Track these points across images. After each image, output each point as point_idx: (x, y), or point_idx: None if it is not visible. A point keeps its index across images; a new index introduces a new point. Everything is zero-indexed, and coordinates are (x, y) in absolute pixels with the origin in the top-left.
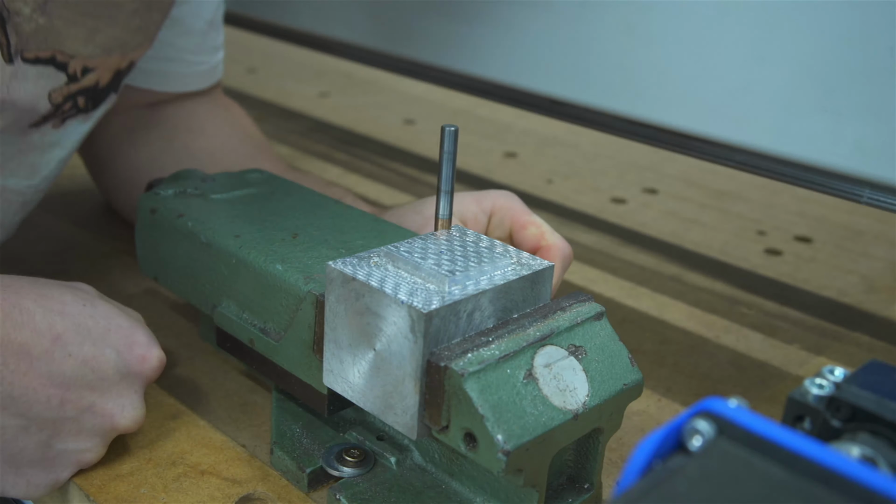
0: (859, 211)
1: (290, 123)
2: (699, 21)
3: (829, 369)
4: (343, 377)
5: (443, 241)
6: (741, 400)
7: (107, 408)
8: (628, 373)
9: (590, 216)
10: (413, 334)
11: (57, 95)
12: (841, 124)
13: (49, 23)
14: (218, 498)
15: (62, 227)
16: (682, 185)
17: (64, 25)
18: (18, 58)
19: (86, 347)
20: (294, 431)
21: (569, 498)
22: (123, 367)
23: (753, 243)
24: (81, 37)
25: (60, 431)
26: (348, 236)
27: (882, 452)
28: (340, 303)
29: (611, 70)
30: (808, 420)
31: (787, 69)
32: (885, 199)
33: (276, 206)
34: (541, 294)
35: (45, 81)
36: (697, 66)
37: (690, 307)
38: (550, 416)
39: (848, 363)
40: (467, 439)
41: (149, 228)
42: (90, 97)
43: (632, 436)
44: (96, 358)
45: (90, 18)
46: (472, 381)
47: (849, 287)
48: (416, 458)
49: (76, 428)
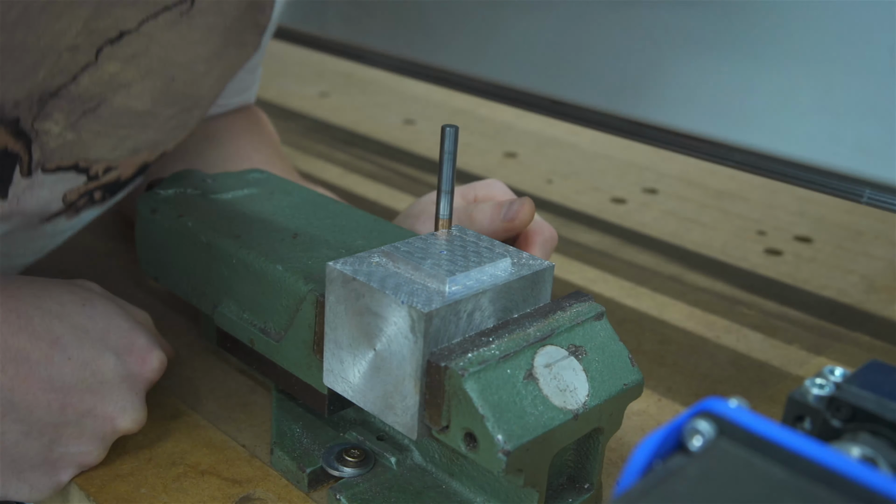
0: (859, 211)
1: (290, 123)
2: (699, 21)
3: (830, 369)
4: (343, 377)
5: (443, 241)
6: (741, 400)
7: (107, 411)
8: (628, 373)
9: (590, 216)
10: (413, 334)
11: (72, 194)
12: (841, 124)
13: (78, 137)
14: (218, 498)
15: None
16: (682, 185)
17: (93, 138)
18: (38, 171)
19: (85, 350)
20: (294, 431)
21: (569, 498)
22: (123, 369)
23: (753, 243)
24: (110, 145)
25: (61, 435)
26: (348, 236)
27: (882, 452)
28: (340, 303)
29: (611, 70)
30: (809, 420)
31: (787, 69)
32: (885, 199)
33: (276, 206)
34: (541, 294)
35: (61, 185)
36: (697, 66)
37: (690, 307)
38: (550, 416)
39: (848, 363)
40: (467, 439)
41: (149, 228)
42: (108, 190)
43: (632, 436)
44: (95, 361)
45: (123, 129)
46: (473, 381)
47: (849, 287)
48: (416, 458)
49: (77, 431)
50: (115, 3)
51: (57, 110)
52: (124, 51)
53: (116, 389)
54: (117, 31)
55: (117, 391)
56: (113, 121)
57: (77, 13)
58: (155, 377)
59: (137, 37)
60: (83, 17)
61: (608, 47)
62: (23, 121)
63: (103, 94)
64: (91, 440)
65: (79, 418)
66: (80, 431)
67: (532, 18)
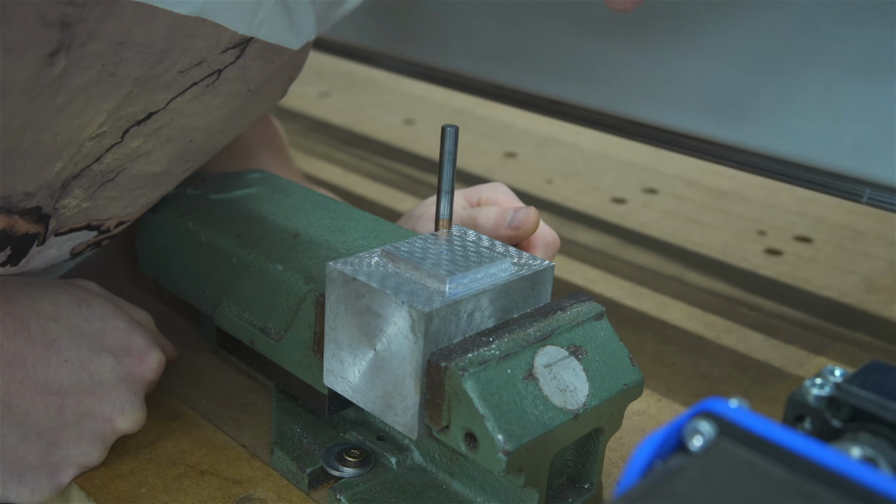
0: (859, 211)
1: (290, 123)
2: (699, 21)
3: (830, 369)
4: (343, 377)
5: (443, 241)
6: (742, 400)
7: (105, 412)
8: (628, 373)
9: (590, 216)
10: (413, 334)
11: (80, 247)
12: (841, 124)
13: (94, 204)
14: (218, 498)
15: None
16: (682, 185)
17: (108, 202)
18: (52, 236)
19: (82, 352)
20: (294, 431)
21: (569, 498)
22: (121, 370)
23: (753, 243)
24: (124, 204)
25: (60, 438)
26: (348, 236)
27: (882, 452)
28: (341, 303)
29: (611, 70)
30: (809, 420)
31: (787, 69)
32: (885, 199)
33: (276, 206)
34: (541, 294)
35: (71, 242)
36: (697, 66)
37: (690, 307)
38: (551, 416)
39: (848, 363)
40: (468, 439)
41: (149, 228)
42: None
43: (632, 436)
44: (93, 362)
45: (138, 190)
46: (473, 381)
47: (849, 287)
48: (417, 459)
49: (76, 433)
50: (145, 89)
51: (78, 187)
52: (149, 127)
53: (115, 390)
54: (146, 114)
55: (115, 392)
56: (130, 185)
57: (101, 107)
58: (154, 377)
59: (164, 113)
60: (108, 110)
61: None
62: (45, 207)
63: (123, 164)
64: (91, 441)
65: (77, 420)
66: (79, 433)
67: (532, 18)
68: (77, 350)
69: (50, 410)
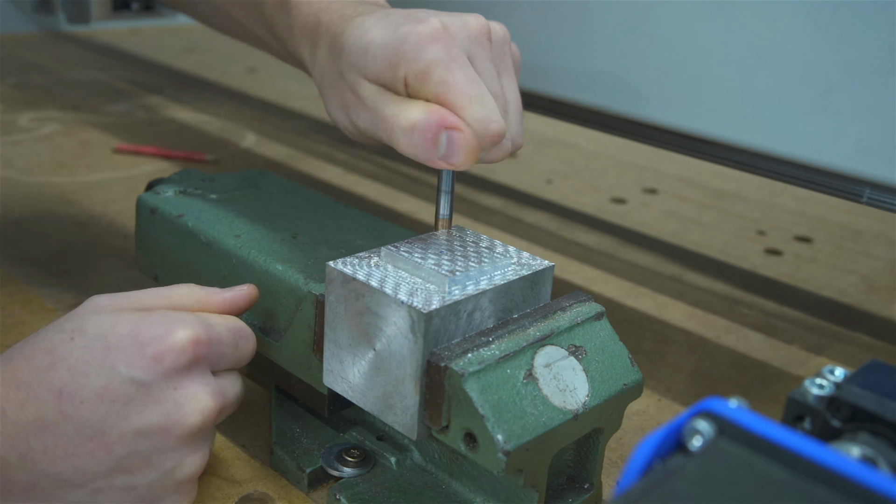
0: (859, 211)
1: (290, 123)
2: (699, 21)
3: (829, 369)
4: (343, 377)
5: (443, 241)
6: (741, 400)
7: (153, 422)
8: (628, 373)
9: (590, 216)
10: (413, 334)
11: None
12: (841, 124)
13: None
14: (218, 498)
15: (62, 227)
16: (682, 185)
17: None
18: None
19: (92, 384)
20: (294, 431)
21: (569, 498)
22: (141, 376)
23: (753, 243)
24: None
25: (131, 470)
26: (348, 236)
27: (882, 452)
28: (340, 303)
29: (611, 70)
30: (809, 420)
31: (787, 69)
32: (885, 199)
33: (276, 206)
34: (541, 294)
35: None
36: (697, 66)
37: (690, 307)
38: (550, 416)
39: (848, 363)
40: (467, 439)
41: (149, 228)
42: None
43: (632, 436)
44: (109, 387)
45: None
46: (472, 381)
47: (849, 287)
48: (416, 459)
49: (139, 460)
50: None
51: None
52: None
53: (149, 397)
54: None
55: (152, 398)
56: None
57: None
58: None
59: None
60: None
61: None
62: None
63: None
64: (162, 455)
65: (132, 447)
66: (141, 458)
67: (532, 18)
68: (86, 386)
69: (98, 456)
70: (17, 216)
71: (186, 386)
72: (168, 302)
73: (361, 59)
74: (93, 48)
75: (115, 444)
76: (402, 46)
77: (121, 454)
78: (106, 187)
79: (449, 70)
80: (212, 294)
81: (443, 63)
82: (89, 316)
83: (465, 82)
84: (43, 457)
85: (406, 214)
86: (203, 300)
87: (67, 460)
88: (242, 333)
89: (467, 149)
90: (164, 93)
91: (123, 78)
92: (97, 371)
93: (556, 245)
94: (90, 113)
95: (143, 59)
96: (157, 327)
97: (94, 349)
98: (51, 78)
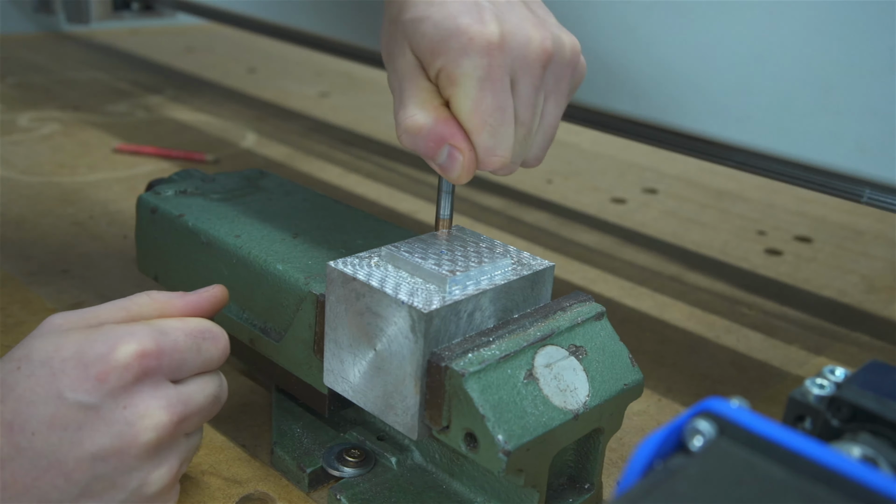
0: (859, 211)
1: (290, 123)
2: (699, 21)
3: (830, 369)
4: (343, 377)
5: (443, 241)
6: (742, 400)
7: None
8: (628, 373)
9: (590, 216)
10: (413, 334)
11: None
12: (841, 124)
13: None
14: (218, 498)
15: (62, 227)
16: (682, 185)
17: None
18: None
19: (40, 413)
20: (294, 431)
21: (569, 498)
22: (87, 399)
23: (753, 243)
24: None
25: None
26: (348, 236)
27: (883, 452)
28: (341, 303)
29: (611, 70)
30: (809, 420)
31: (787, 69)
32: (885, 199)
33: (276, 206)
34: (541, 294)
35: None
36: (697, 65)
37: (690, 307)
38: (551, 416)
39: (848, 363)
40: (468, 439)
41: (149, 228)
42: None
43: (632, 436)
44: (58, 414)
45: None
46: (473, 381)
47: (849, 287)
48: (417, 458)
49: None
50: None
51: None
52: None
53: (100, 420)
54: None
55: (102, 421)
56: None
57: None
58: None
59: None
60: None
61: (608, 47)
62: None
63: None
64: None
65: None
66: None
67: None
68: (35, 416)
69: (59, 485)
70: (17, 216)
71: (137, 403)
72: (126, 314)
73: (411, 28)
74: (93, 48)
75: (74, 471)
76: (449, 41)
77: (82, 480)
78: (106, 187)
79: (479, 89)
80: (173, 299)
81: (477, 80)
82: (38, 340)
83: (488, 107)
84: (4, 493)
85: (406, 214)
86: (164, 306)
87: (29, 493)
88: (207, 335)
89: (463, 169)
90: (164, 93)
91: (123, 78)
92: (44, 400)
93: (556, 245)
94: (90, 113)
95: (143, 59)
96: (99, 345)
97: (40, 377)
98: (51, 78)
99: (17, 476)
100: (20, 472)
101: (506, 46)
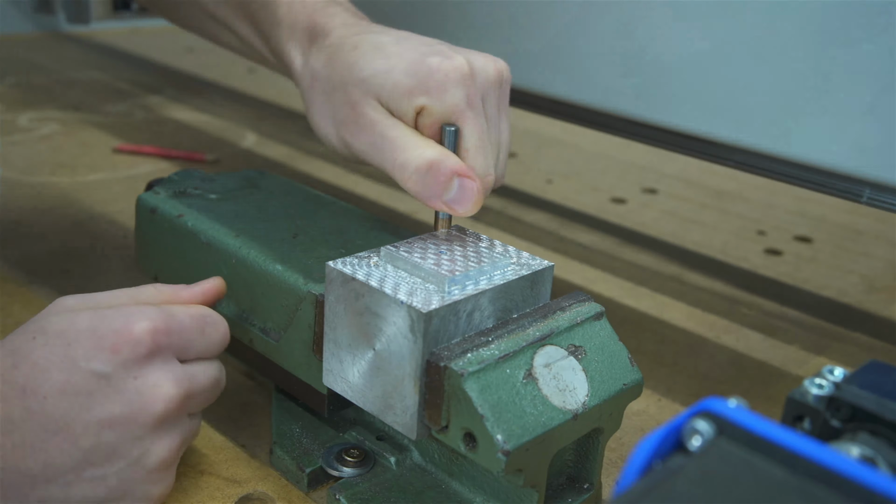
0: (859, 211)
1: (290, 123)
2: (699, 21)
3: (829, 369)
4: (343, 377)
5: (442, 241)
6: (741, 400)
7: (117, 412)
8: (628, 373)
9: (590, 216)
10: (413, 334)
11: None
12: (841, 124)
13: None
14: (218, 498)
15: (62, 227)
16: (682, 185)
17: None
18: None
19: (53, 380)
20: (294, 431)
21: (569, 498)
22: (100, 368)
23: (753, 243)
24: None
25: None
26: (348, 236)
27: (882, 452)
28: (340, 303)
29: (611, 70)
30: (808, 420)
31: (787, 69)
32: (885, 199)
33: (276, 206)
34: (540, 294)
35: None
36: (697, 65)
37: (690, 307)
38: (550, 416)
39: (848, 363)
40: (467, 439)
41: (148, 228)
42: None
43: (632, 436)
44: (70, 381)
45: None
46: (472, 381)
47: (849, 287)
48: (416, 458)
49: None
50: None
51: None
52: None
53: (111, 388)
54: None
55: (113, 390)
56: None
57: None
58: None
59: None
60: None
61: (608, 47)
62: None
63: None
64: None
65: (98, 440)
66: (111, 447)
67: (532, 18)
68: (48, 381)
69: (66, 449)
70: (17, 216)
71: (147, 374)
72: (134, 301)
73: (378, 80)
74: (93, 48)
75: (81, 436)
76: (428, 81)
77: (87, 446)
78: (106, 187)
79: (466, 118)
80: (178, 290)
81: (462, 110)
82: (52, 317)
83: (478, 134)
84: (12, 454)
85: (406, 214)
86: (170, 297)
87: (36, 456)
88: (209, 320)
89: (476, 198)
90: (164, 93)
91: (123, 78)
92: (58, 366)
93: (556, 245)
94: (90, 113)
95: (143, 59)
96: (114, 321)
97: (55, 346)
98: (51, 78)
99: (26, 438)
100: (29, 435)
101: (474, 74)
